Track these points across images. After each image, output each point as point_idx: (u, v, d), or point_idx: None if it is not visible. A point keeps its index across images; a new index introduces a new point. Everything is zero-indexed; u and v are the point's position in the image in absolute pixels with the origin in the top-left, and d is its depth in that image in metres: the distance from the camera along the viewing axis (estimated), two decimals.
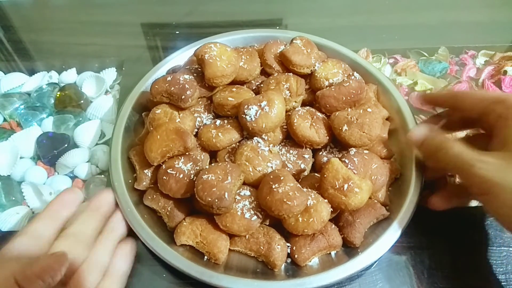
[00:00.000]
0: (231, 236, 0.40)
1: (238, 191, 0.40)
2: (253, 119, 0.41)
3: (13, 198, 0.48)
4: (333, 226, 0.40)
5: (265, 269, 0.39)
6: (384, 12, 0.74)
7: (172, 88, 0.44)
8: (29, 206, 0.47)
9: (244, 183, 0.41)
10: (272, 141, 0.44)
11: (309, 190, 0.39)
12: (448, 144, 0.34)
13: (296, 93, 0.46)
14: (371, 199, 0.41)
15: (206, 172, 0.38)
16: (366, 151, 0.42)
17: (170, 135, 0.41)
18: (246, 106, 0.41)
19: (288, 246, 0.39)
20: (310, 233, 0.38)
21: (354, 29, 0.69)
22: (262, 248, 0.39)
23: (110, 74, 0.62)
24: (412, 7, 0.75)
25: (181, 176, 0.40)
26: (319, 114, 0.45)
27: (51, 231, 0.34)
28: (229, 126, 0.44)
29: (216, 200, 0.36)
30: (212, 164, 0.41)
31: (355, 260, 0.37)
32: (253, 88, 0.50)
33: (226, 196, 0.36)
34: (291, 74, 0.48)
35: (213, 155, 0.46)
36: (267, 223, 0.41)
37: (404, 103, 0.48)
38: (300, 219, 0.37)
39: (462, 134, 0.48)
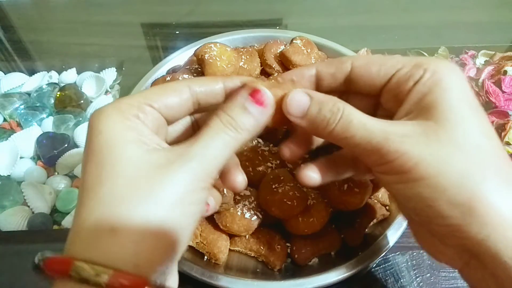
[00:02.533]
0: (231, 236, 0.40)
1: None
2: None
3: (13, 198, 0.48)
4: (333, 226, 0.40)
5: (265, 269, 0.39)
6: (384, 12, 0.74)
7: None
8: (29, 206, 0.47)
9: None
10: (272, 141, 0.44)
11: (309, 190, 0.39)
12: (347, 111, 0.23)
13: None
14: (371, 199, 0.41)
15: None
16: None
17: None
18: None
19: (288, 246, 0.39)
20: (310, 233, 0.38)
21: (354, 29, 0.69)
22: (262, 248, 0.39)
23: (110, 74, 0.62)
24: (412, 7, 0.75)
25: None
26: None
27: None
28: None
29: None
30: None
31: (355, 260, 0.37)
32: None
33: (225, 191, 0.37)
34: None
35: None
36: (267, 223, 0.41)
37: None
38: (300, 219, 0.37)
39: None
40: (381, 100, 0.26)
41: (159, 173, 0.20)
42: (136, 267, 0.19)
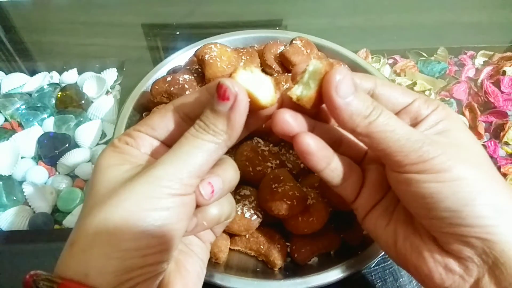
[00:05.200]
0: (231, 235, 0.40)
1: (238, 191, 0.40)
2: None
3: (14, 198, 0.48)
4: (333, 225, 0.40)
5: (265, 269, 0.39)
6: (383, 13, 0.74)
7: (172, 88, 0.44)
8: (30, 206, 0.47)
9: (244, 183, 0.42)
10: (272, 141, 0.45)
11: (309, 189, 0.39)
12: (386, 110, 0.24)
13: None
14: None
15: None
16: None
17: None
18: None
19: (288, 246, 0.39)
20: (310, 233, 0.38)
21: (354, 29, 0.70)
22: (262, 247, 0.39)
23: (111, 75, 0.62)
24: (411, 8, 0.75)
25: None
26: None
27: None
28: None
29: None
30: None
31: (354, 259, 0.37)
32: None
33: None
34: (291, 74, 0.48)
35: None
36: (267, 223, 0.41)
37: None
38: (300, 218, 0.37)
39: None
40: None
41: (123, 185, 0.21)
42: (86, 276, 0.19)
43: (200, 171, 0.22)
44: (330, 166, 0.27)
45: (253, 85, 0.23)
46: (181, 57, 0.54)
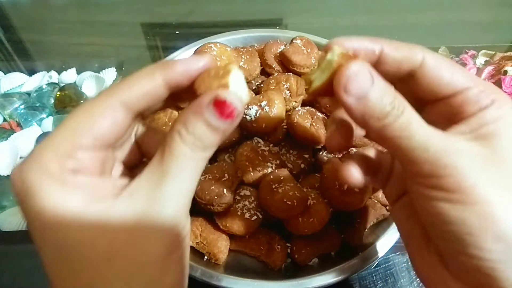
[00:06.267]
0: (231, 236, 0.40)
1: (238, 191, 0.40)
2: (253, 119, 0.41)
3: (13, 198, 0.48)
4: (333, 226, 0.40)
5: (265, 269, 0.39)
6: (384, 12, 0.74)
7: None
8: None
9: (244, 183, 0.41)
10: (272, 141, 0.44)
11: (309, 190, 0.39)
12: (408, 110, 0.20)
13: (296, 93, 0.46)
14: (371, 199, 0.41)
15: (203, 173, 0.38)
16: None
17: None
18: (246, 106, 0.41)
19: (288, 246, 0.39)
20: (310, 233, 0.38)
21: (354, 29, 0.70)
22: (262, 248, 0.39)
23: (110, 74, 0.62)
24: (412, 7, 0.75)
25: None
26: (319, 114, 0.45)
27: None
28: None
29: (216, 197, 0.36)
30: (208, 165, 0.41)
31: (355, 260, 0.37)
32: (253, 88, 0.50)
33: (225, 191, 0.37)
34: (291, 74, 0.48)
35: (213, 155, 0.45)
36: (267, 223, 0.41)
37: None
38: (300, 219, 0.37)
39: None
40: (430, 109, 0.24)
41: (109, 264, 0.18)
42: None
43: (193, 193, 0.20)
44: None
45: (238, 85, 0.21)
46: (181, 56, 0.54)
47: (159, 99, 0.21)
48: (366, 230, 0.40)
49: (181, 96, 0.23)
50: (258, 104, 0.41)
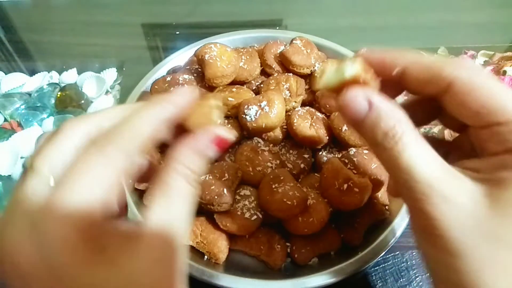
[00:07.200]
0: (231, 236, 0.40)
1: (238, 191, 0.40)
2: (253, 119, 0.41)
3: None
4: (333, 226, 0.40)
5: (265, 269, 0.39)
6: (383, 13, 0.74)
7: (171, 88, 0.44)
8: None
9: (244, 183, 0.42)
10: (272, 141, 0.45)
11: (309, 190, 0.39)
12: (405, 140, 0.19)
13: (296, 93, 0.46)
14: (371, 199, 0.41)
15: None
16: (365, 151, 0.42)
17: None
18: (246, 106, 0.42)
19: (288, 246, 0.39)
20: (310, 233, 0.38)
21: (354, 29, 0.70)
22: (262, 247, 0.39)
23: (110, 74, 0.62)
24: (412, 8, 0.75)
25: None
26: (319, 114, 0.45)
27: None
28: (229, 126, 0.44)
29: (216, 197, 0.36)
30: (208, 165, 0.41)
31: (354, 260, 0.37)
32: (253, 88, 0.50)
33: (225, 191, 0.37)
34: (291, 74, 0.48)
35: None
36: (267, 223, 0.41)
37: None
38: (300, 219, 0.37)
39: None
40: (457, 139, 0.23)
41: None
42: None
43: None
44: None
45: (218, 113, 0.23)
46: (181, 57, 0.54)
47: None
48: (366, 230, 0.40)
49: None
50: (258, 104, 0.41)
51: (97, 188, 0.18)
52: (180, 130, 0.22)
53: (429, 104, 0.23)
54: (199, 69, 0.49)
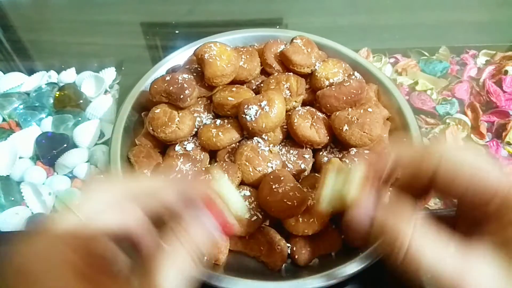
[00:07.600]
0: (231, 236, 0.40)
1: (238, 191, 0.40)
2: (253, 119, 0.41)
3: (12, 199, 0.47)
4: (333, 226, 0.40)
5: (265, 270, 0.39)
6: (384, 12, 0.74)
7: (171, 87, 0.43)
8: (28, 207, 0.47)
9: (244, 183, 0.41)
10: (272, 141, 0.44)
11: (309, 190, 0.39)
12: (416, 246, 0.21)
13: (296, 92, 0.46)
14: None
15: (203, 174, 0.38)
16: (366, 151, 0.41)
17: None
18: (246, 106, 0.41)
19: (288, 247, 0.39)
20: (311, 234, 0.38)
21: (355, 28, 0.69)
22: (262, 248, 0.38)
23: (109, 74, 0.62)
24: (413, 7, 0.74)
25: (180, 176, 0.40)
26: (319, 114, 0.45)
27: None
28: (229, 125, 0.44)
29: None
30: (209, 165, 0.41)
31: (355, 260, 0.36)
32: (253, 87, 0.50)
33: None
34: (291, 73, 0.48)
35: (213, 155, 0.45)
36: (267, 223, 0.41)
37: (405, 103, 0.48)
38: (300, 219, 0.37)
39: None
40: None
41: None
42: None
43: None
44: None
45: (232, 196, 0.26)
46: (181, 56, 0.54)
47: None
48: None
49: None
50: (258, 103, 0.41)
51: None
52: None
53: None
54: (199, 69, 0.48)
